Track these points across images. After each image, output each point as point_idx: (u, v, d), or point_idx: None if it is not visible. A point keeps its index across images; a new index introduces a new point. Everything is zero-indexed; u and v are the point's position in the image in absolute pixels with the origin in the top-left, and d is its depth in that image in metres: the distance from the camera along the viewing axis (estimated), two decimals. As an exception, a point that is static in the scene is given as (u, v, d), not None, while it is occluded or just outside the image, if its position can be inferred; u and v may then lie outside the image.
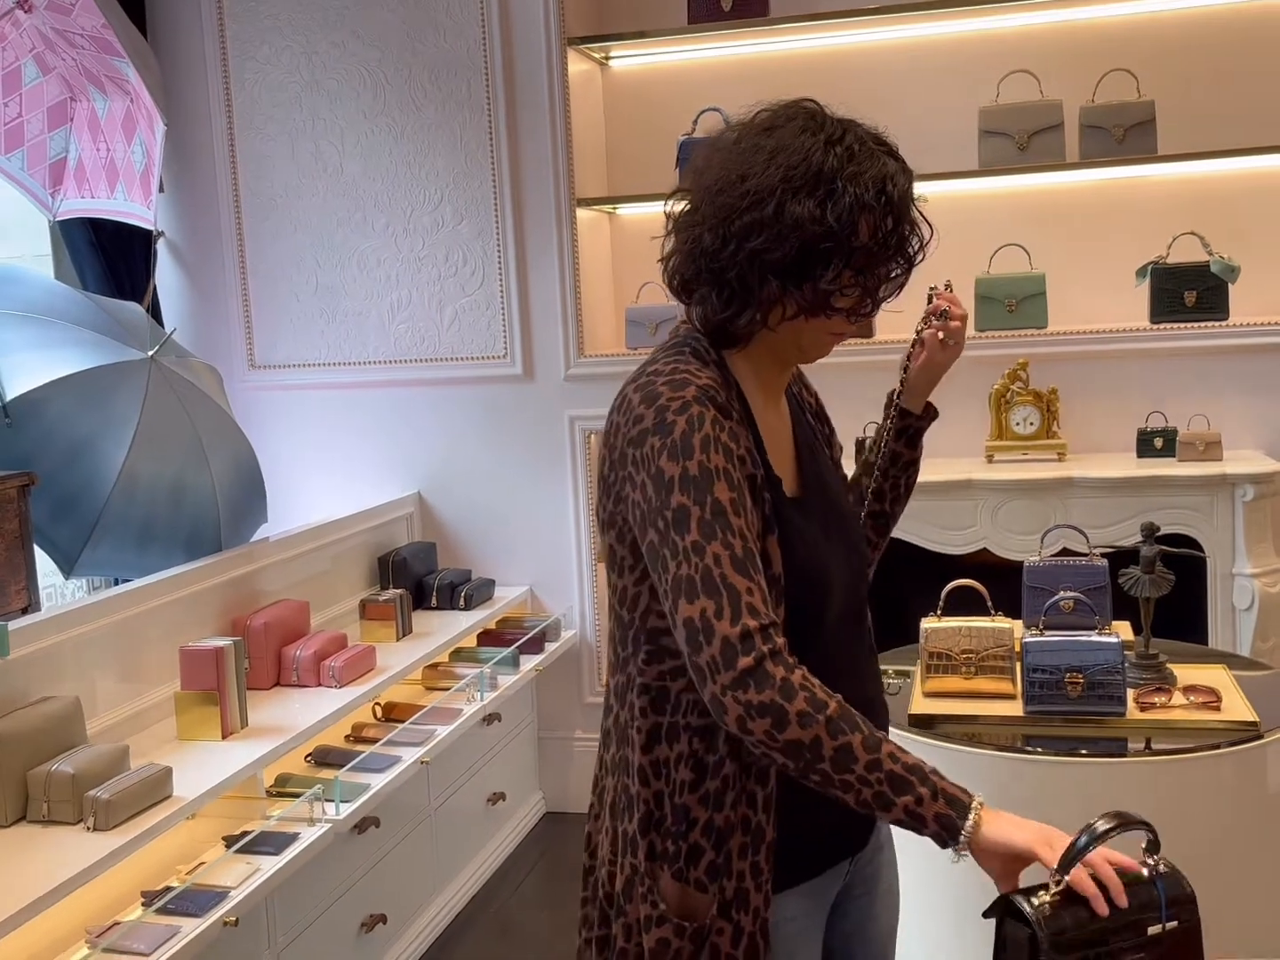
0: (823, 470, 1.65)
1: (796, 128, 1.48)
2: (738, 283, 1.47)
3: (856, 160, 1.44)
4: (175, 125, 4.44)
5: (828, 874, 1.58)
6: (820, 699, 1.35)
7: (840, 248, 1.43)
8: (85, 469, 3.18)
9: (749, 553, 1.39)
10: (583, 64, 4.33)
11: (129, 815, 2.48)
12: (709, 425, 1.42)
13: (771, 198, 1.43)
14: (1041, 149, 3.94)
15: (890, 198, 1.44)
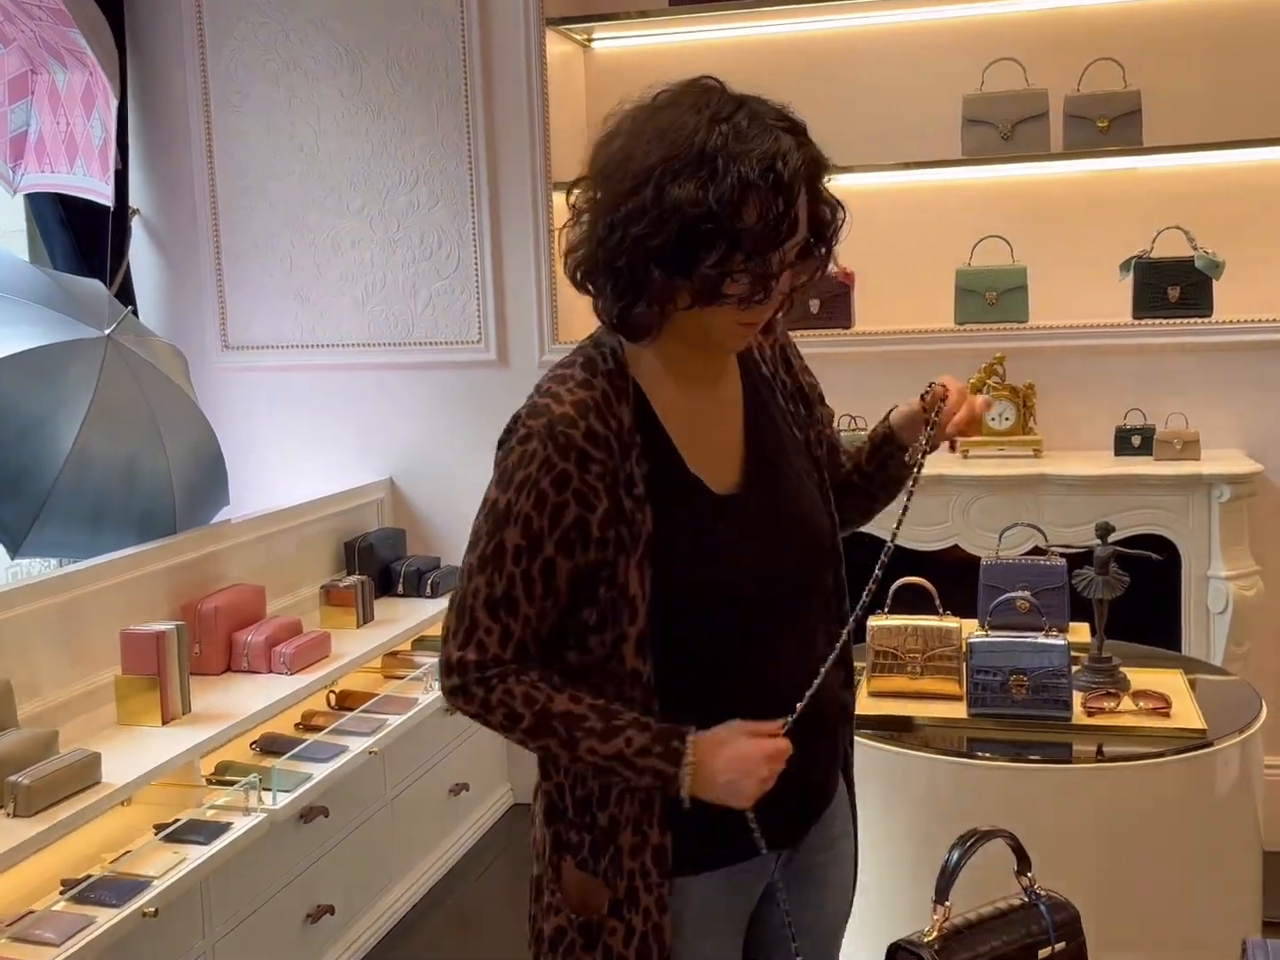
0: (778, 459, 1.57)
1: (685, 106, 1.41)
2: (628, 272, 1.41)
3: (743, 138, 1.37)
4: (150, 101, 4.40)
5: (746, 865, 1.53)
6: (518, 712, 1.45)
7: (723, 230, 1.36)
8: (35, 447, 3.13)
9: (510, 597, 1.45)
10: (563, 46, 4.27)
11: (52, 801, 2.44)
12: (535, 466, 1.43)
13: (650, 180, 1.37)
14: (1026, 139, 3.86)
15: (779, 176, 1.36)
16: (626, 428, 1.46)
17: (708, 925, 1.52)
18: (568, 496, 1.43)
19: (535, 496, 1.43)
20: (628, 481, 1.45)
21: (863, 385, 4.04)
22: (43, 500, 3.13)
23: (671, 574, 1.45)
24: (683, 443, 1.51)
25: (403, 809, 3.59)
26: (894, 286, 4.09)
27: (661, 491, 1.47)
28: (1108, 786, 2.27)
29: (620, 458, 1.45)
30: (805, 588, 1.57)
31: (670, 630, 1.46)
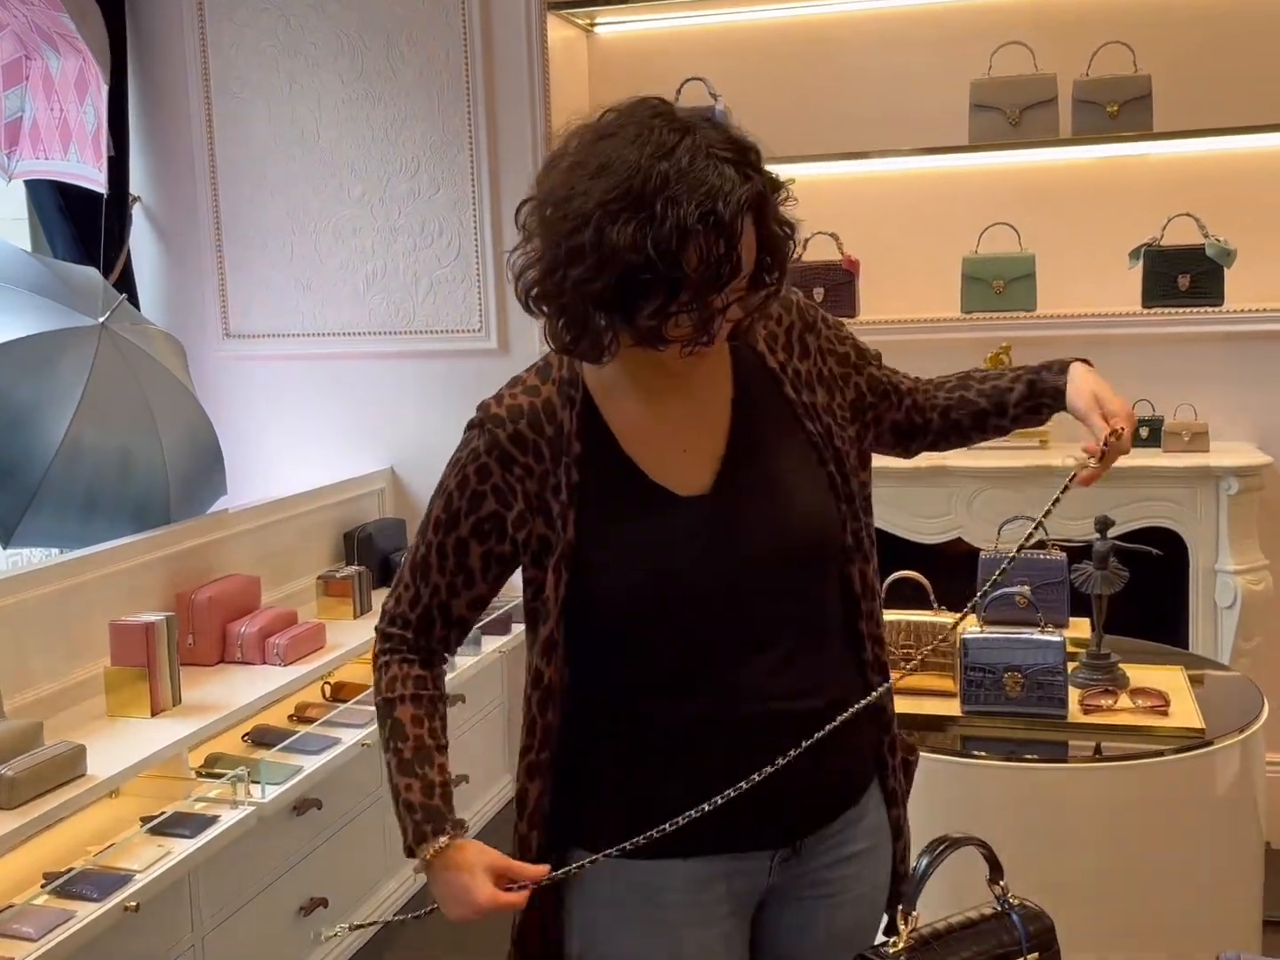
0: (763, 459, 1.51)
1: (627, 137, 1.35)
2: (570, 310, 1.39)
3: (683, 176, 1.30)
4: (151, 87, 4.37)
5: (727, 859, 1.48)
6: (380, 688, 1.54)
7: (662, 278, 1.31)
8: (26, 436, 3.11)
9: (425, 562, 1.53)
10: (566, 31, 4.22)
11: (36, 794, 2.42)
12: (466, 452, 1.51)
13: (590, 222, 1.32)
14: (1034, 124, 3.79)
15: (719, 217, 1.30)
16: (566, 433, 1.48)
17: (664, 914, 1.48)
18: (487, 489, 1.48)
19: (460, 479, 1.50)
20: (555, 488, 1.47)
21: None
22: (34, 490, 3.11)
23: (599, 580, 1.45)
24: (641, 450, 1.48)
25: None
26: (899, 275, 4.03)
27: (604, 499, 1.47)
28: (1105, 786, 2.22)
29: (551, 463, 1.47)
30: (776, 595, 1.49)
31: (601, 636, 1.47)
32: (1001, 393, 1.70)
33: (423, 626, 1.54)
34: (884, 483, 3.66)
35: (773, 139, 4.47)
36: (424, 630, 1.54)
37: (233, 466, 4.23)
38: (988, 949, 1.24)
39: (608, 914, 1.51)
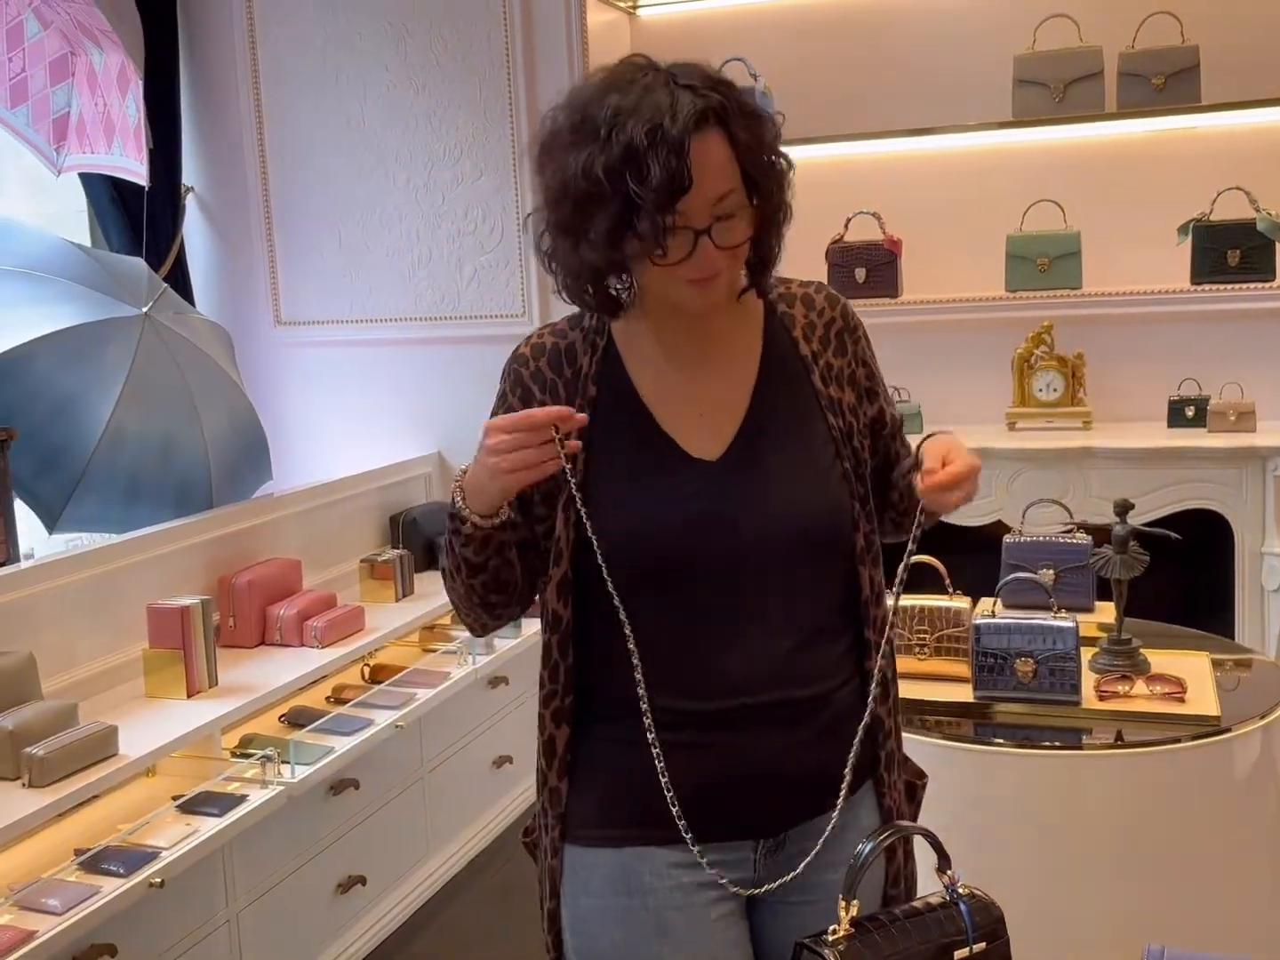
0: (778, 438, 1.49)
1: (596, 79, 1.40)
2: (560, 254, 1.44)
3: (636, 103, 1.34)
4: (201, 79, 4.45)
5: (706, 848, 1.46)
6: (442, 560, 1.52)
7: (613, 199, 1.35)
8: (70, 424, 3.20)
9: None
10: (607, 14, 4.22)
11: (67, 773, 2.49)
12: (497, 397, 1.56)
13: (552, 159, 1.39)
14: (1079, 99, 3.73)
15: (665, 131, 1.32)
16: (584, 375, 1.49)
17: (644, 901, 1.47)
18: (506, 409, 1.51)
19: (494, 410, 1.54)
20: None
21: (910, 356, 3.96)
22: (78, 476, 3.20)
23: (606, 522, 1.45)
24: (658, 405, 1.49)
25: (440, 781, 3.61)
26: (943, 253, 3.99)
27: (614, 444, 1.48)
28: (1119, 773, 2.19)
29: (566, 403, 1.46)
30: (764, 572, 1.46)
31: (603, 579, 1.44)
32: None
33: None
34: (923, 465, 3.63)
35: (814, 118, 4.47)
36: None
37: (285, 452, 4.32)
38: (933, 938, 1.24)
39: (595, 905, 1.49)
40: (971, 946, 1.25)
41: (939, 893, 1.27)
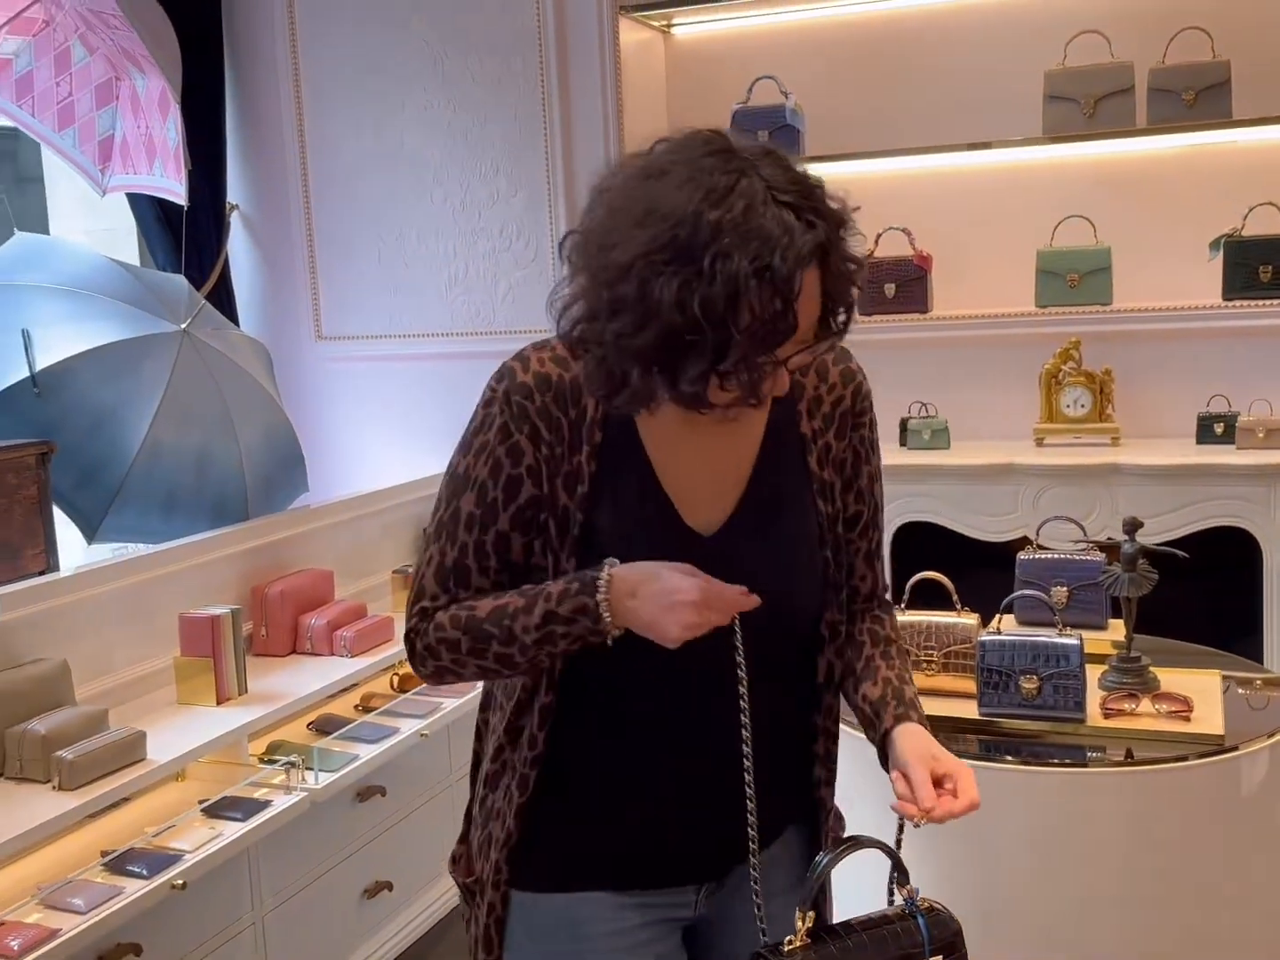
0: (772, 517, 1.45)
1: (676, 179, 1.25)
2: (610, 362, 1.30)
3: (736, 227, 1.21)
4: (247, 101, 4.56)
5: (656, 894, 1.48)
6: (452, 638, 1.38)
7: (709, 339, 1.22)
8: (109, 437, 3.29)
9: (461, 567, 1.40)
10: (641, 33, 4.27)
11: (95, 776, 2.56)
12: (494, 432, 1.39)
13: (632, 273, 1.24)
14: (1110, 114, 3.72)
15: (775, 274, 1.21)
16: (590, 419, 1.38)
17: (590, 946, 1.46)
18: (522, 471, 1.38)
19: (491, 465, 1.38)
20: (569, 476, 1.38)
21: (939, 371, 3.98)
22: (117, 488, 3.29)
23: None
24: (663, 462, 1.41)
25: (467, 789, 3.65)
26: (973, 269, 4.00)
27: (616, 499, 1.40)
28: (1123, 790, 2.19)
29: (568, 449, 1.38)
30: (731, 649, 1.38)
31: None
32: (861, 693, 1.49)
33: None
34: (949, 480, 3.65)
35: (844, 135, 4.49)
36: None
37: (324, 464, 4.41)
38: (889, 950, 1.26)
39: (538, 951, 1.48)
40: (928, 959, 1.27)
41: (898, 906, 1.30)
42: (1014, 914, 2.20)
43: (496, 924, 1.47)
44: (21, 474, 3.06)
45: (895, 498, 3.74)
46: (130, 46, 3.38)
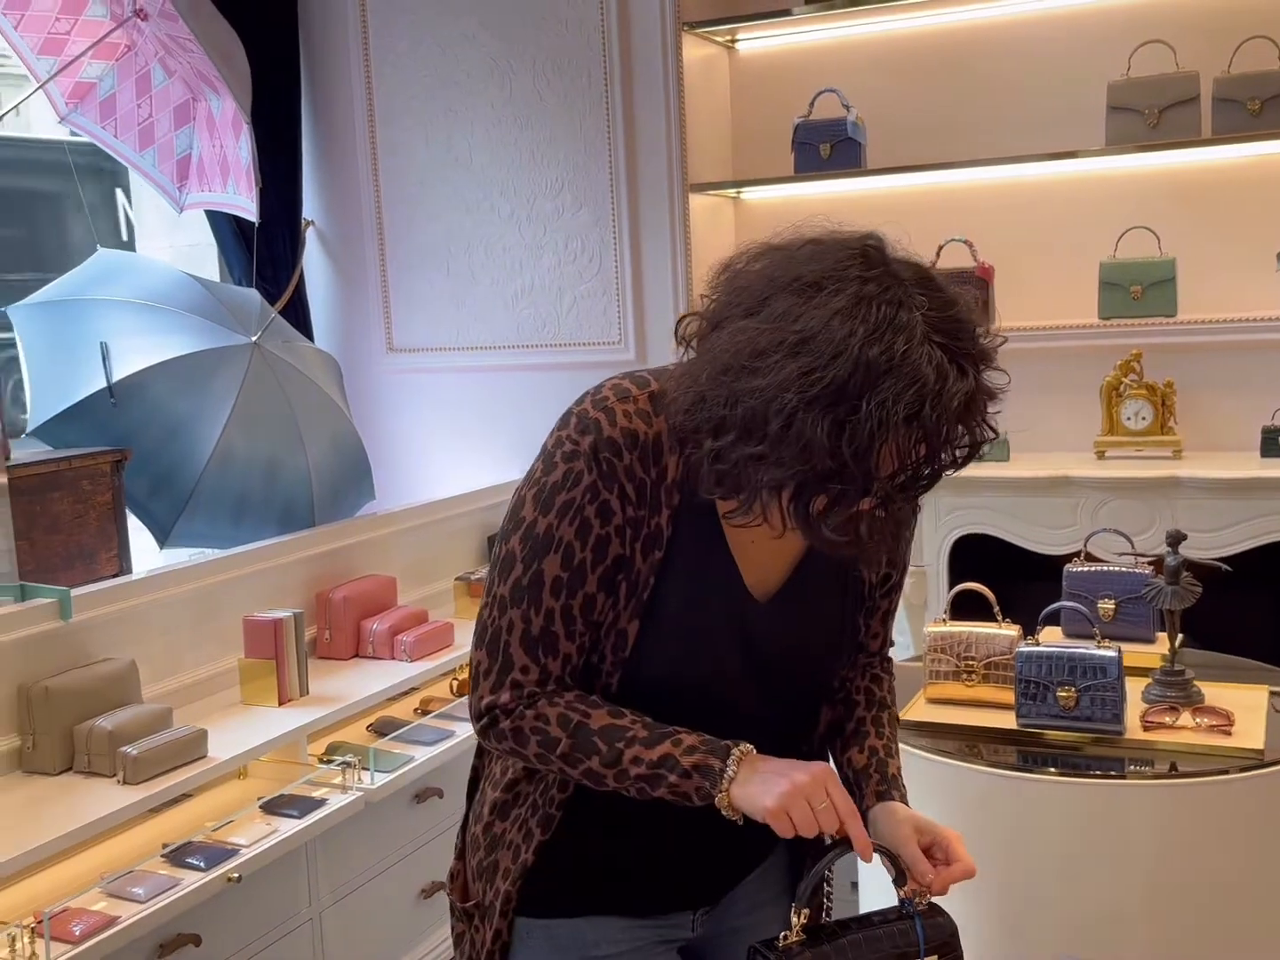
0: (817, 591, 1.47)
1: (836, 305, 1.19)
2: (731, 478, 1.26)
3: (895, 369, 1.16)
4: (322, 119, 4.69)
5: (655, 920, 1.52)
6: (553, 736, 1.35)
7: (851, 485, 1.19)
8: (182, 446, 3.41)
9: (548, 634, 1.35)
10: (705, 49, 4.32)
11: (159, 772, 2.66)
12: (581, 490, 1.32)
13: (779, 405, 1.18)
14: (1174, 125, 3.68)
15: (924, 422, 1.17)
16: (669, 482, 1.34)
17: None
18: (610, 531, 1.33)
19: (579, 524, 1.32)
20: (648, 539, 1.35)
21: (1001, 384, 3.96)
22: (188, 495, 3.40)
23: (658, 642, 1.39)
24: (732, 528, 1.38)
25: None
26: (1034, 281, 3.98)
27: (686, 561, 1.37)
28: (1159, 803, 2.18)
29: (650, 510, 1.34)
30: (751, 698, 1.44)
31: (633, 695, 1.40)
32: (846, 756, 1.52)
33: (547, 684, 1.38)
34: (1006, 492, 3.64)
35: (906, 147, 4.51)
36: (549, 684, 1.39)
37: (394, 472, 4.52)
38: (884, 949, 1.28)
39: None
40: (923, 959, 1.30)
41: (896, 906, 1.32)
42: (1046, 924, 2.21)
43: (502, 950, 1.49)
44: (97, 480, 3.19)
45: (953, 510, 3.74)
46: (205, 69, 3.51)
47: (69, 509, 3.12)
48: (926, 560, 3.75)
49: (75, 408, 3.36)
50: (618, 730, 1.33)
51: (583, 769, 1.35)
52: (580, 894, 1.49)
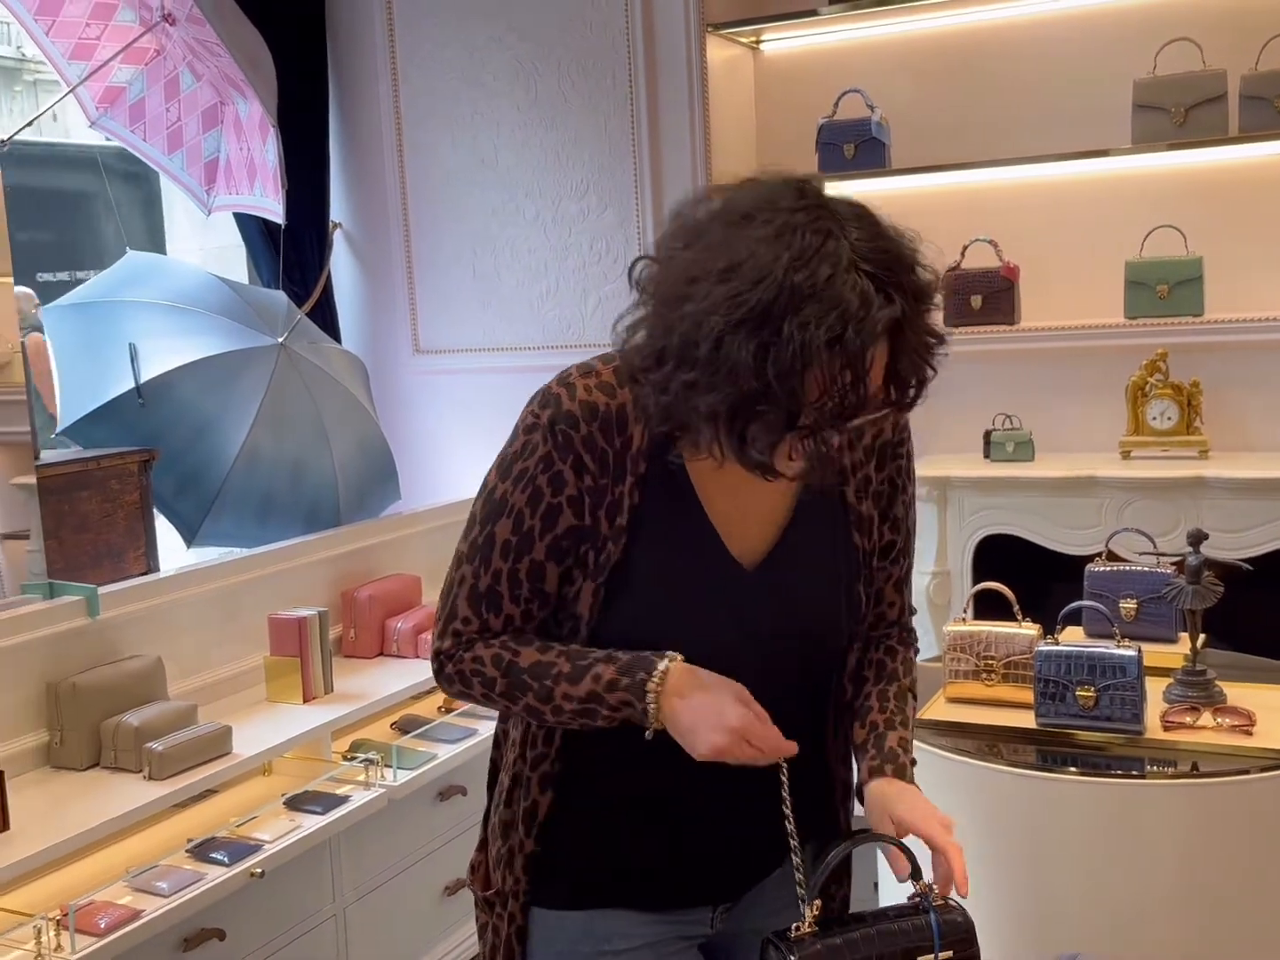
0: (810, 553, 1.46)
1: (764, 233, 1.21)
2: (674, 410, 1.28)
3: (818, 294, 1.18)
4: (349, 121, 4.72)
5: (674, 914, 1.51)
6: (489, 676, 1.41)
7: (779, 408, 1.21)
8: (209, 446, 3.44)
9: (493, 592, 1.41)
10: (729, 50, 4.32)
11: (184, 768, 2.69)
12: (534, 460, 1.38)
13: (708, 328, 1.21)
14: (1200, 123, 3.66)
15: (846, 346, 1.18)
16: (634, 450, 1.37)
17: (629, 957, 1.50)
18: (562, 500, 1.37)
19: (531, 492, 1.37)
20: (611, 506, 1.37)
21: (1026, 383, 3.96)
22: (215, 494, 3.44)
23: (635, 611, 1.39)
24: (710, 495, 1.40)
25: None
26: (1060, 280, 3.97)
27: (661, 531, 1.39)
28: (1179, 803, 2.17)
29: (613, 479, 1.37)
30: (761, 673, 1.41)
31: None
32: (858, 723, 1.51)
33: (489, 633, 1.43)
34: (1032, 493, 3.63)
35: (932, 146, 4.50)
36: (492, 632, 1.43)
37: (420, 473, 4.54)
38: (897, 943, 1.29)
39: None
40: (937, 954, 1.30)
41: (912, 901, 1.32)
42: (1068, 923, 2.20)
43: (518, 935, 1.51)
44: (125, 480, 3.22)
45: (977, 510, 3.73)
46: (232, 72, 3.54)
47: (97, 508, 3.15)
48: (951, 561, 3.74)
49: (104, 408, 3.39)
50: (544, 667, 1.38)
51: (522, 705, 1.41)
52: (590, 886, 1.50)
